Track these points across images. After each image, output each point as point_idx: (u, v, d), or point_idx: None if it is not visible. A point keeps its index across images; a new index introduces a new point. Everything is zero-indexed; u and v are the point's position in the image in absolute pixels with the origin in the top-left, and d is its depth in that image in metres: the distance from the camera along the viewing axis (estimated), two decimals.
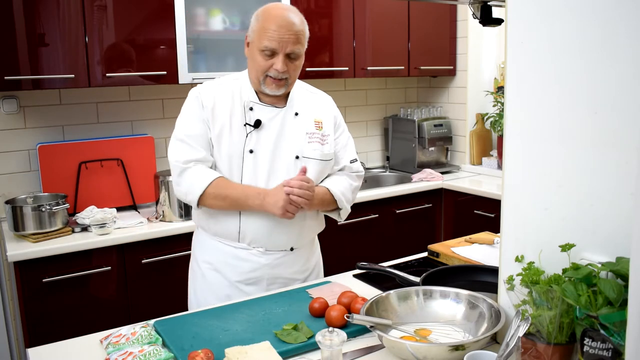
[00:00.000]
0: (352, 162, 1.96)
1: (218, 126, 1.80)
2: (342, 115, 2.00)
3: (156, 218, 2.73)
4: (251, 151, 1.80)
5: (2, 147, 2.78)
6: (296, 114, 1.86)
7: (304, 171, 1.77)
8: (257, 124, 1.81)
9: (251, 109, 1.82)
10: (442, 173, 3.68)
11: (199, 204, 1.79)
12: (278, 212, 1.72)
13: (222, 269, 1.86)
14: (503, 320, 1.30)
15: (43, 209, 2.47)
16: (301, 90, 1.93)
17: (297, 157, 1.83)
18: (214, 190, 1.76)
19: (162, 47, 2.78)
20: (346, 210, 1.93)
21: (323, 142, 1.88)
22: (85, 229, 2.59)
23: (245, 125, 1.81)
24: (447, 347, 1.22)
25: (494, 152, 3.76)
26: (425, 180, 3.53)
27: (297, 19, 1.76)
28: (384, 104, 4.01)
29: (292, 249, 1.87)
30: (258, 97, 1.84)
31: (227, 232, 1.84)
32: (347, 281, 1.85)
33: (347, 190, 1.91)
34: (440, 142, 3.77)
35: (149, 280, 2.63)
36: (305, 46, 1.80)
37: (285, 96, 1.87)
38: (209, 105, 1.80)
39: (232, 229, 1.82)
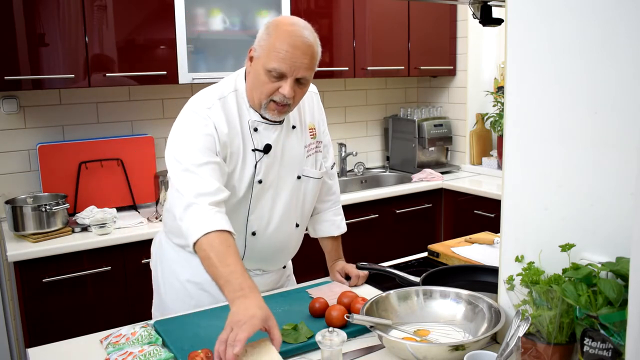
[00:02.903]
0: (332, 167, 1.88)
1: (234, 157, 1.59)
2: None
3: (156, 218, 2.73)
4: (260, 181, 1.62)
5: (2, 147, 2.78)
6: (293, 127, 1.70)
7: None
8: (267, 149, 1.61)
9: (255, 129, 1.62)
10: (442, 173, 3.68)
11: (195, 250, 1.46)
12: (237, 326, 1.27)
13: (213, 289, 1.63)
14: (503, 320, 1.30)
15: (43, 209, 2.46)
16: None
17: (298, 177, 1.71)
18: (206, 244, 1.41)
19: (162, 47, 2.78)
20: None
21: (317, 150, 1.76)
22: (85, 229, 2.58)
23: (253, 151, 1.61)
24: (447, 347, 1.22)
25: (494, 152, 3.76)
26: (425, 180, 3.53)
27: (312, 39, 1.53)
28: (384, 104, 4.01)
29: (284, 267, 1.87)
30: (259, 113, 1.63)
31: None
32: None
33: (339, 217, 1.89)
34: (440, 142, 3.77)
35: (149, 280, 2.62)
36: (315, 69, 1.59)
37: None
38: (223, 131, 1.56)
39: None
